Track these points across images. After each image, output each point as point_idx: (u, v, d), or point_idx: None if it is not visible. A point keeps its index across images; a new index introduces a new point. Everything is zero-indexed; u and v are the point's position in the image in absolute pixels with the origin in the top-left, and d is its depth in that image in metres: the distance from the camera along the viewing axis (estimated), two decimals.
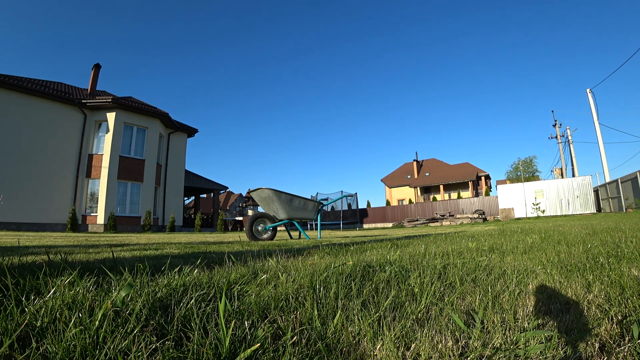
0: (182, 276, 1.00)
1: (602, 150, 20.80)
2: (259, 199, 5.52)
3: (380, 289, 0.84)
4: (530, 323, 0.64)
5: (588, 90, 21.79)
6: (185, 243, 4.05)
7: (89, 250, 2.61)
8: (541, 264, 1.20)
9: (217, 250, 2.63)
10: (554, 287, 0.87)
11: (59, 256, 1.74)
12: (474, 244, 2.01)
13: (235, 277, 1.05)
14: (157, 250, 2.62)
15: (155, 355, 0.50)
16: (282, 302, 0.73)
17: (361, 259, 1.51)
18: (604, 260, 1.17)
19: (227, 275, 1.21)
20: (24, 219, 13.83)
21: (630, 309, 0.68)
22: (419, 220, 21.06)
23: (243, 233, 12.10)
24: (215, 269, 1.23)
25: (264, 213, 5.49)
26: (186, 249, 2.73)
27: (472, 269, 1.11)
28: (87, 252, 2.41)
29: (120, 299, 0.65)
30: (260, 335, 0.55)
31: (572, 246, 1.66)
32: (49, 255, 1.70)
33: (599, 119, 21.19)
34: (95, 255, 2.09)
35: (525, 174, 31.92)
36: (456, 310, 0.70)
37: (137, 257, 1.96)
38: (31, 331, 0.54)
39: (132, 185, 16.53)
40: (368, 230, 13.22)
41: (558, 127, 28.31)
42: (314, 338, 0.57)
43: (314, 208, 5.78)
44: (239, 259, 1.68)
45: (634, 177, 16.06)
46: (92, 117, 16.08)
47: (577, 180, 19.06)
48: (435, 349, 0.54)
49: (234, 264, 1.41)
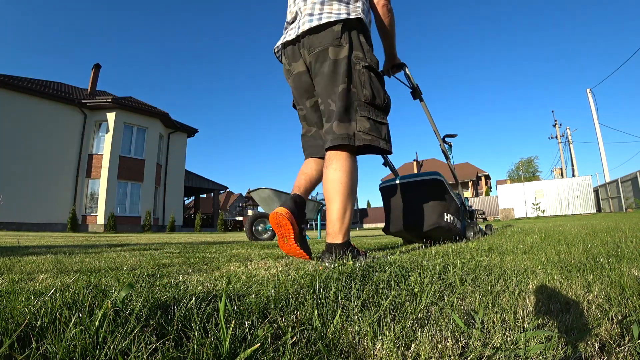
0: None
1: (602, 150, 20.81)
2: (259, 199, 5.52)
3: (380, 289, 0.84)
4: (530, 323, 0.64)
5: (588, 90, 21.81)
6: (185, 243, 4.06)
7: (89, 250, 2.62)
8: (541, 263, 1.20)
9: (217, 249, 2.64)
10: (554, 287, 0.87)
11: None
12: (474, 243, 2.01)
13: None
14: (157, 250, 2.62)
15: (155, 355, 0.50)
16: (282, 302, 0.73)
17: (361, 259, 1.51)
18: (604, 260, 1.17)
19: (227, 275, 1.21)
20: (24, 219, 13.84)
21: (630, 309, 0.68)
22: None
23: (243, 233, 12.12)
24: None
25: (264, 213, 5.49)
26: (186, 249, 2.74)
27: (472, 269, 1.11)
28: (87, 252, 2.41)
29: (120, 299, 0.65)
30: (260, 335, 0.55)
31: (572, 246, 1.66)
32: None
33: (599, 119, 21.21)
34: (96, 255, 2.09)
35: (526, 174, 31.94)
36: (456, 310, 0.70)
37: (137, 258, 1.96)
38: (31, 331, 0.54)
39: (132, 185, 16.53)
40: (368, 230, 13.22)
41: (558, 127, 28.32)
42: (314, 338, 0.57)
43: (314, 208, 5.78)
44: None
45: (634, 177, 16.06)
46: (92, 117, 16.09)
47: (577, 180, 19.07)
48: (435, 349, 0.54)
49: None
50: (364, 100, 1.47)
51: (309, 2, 1.60)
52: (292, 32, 1.63)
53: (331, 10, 1.53)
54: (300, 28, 1.56)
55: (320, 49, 1.51)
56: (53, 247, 3.08)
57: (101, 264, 1.59)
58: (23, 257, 1.95)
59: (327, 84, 1.49)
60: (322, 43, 1.50)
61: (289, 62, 1.68)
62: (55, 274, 1.26)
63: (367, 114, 1.46)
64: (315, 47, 1.52)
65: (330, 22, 1.50)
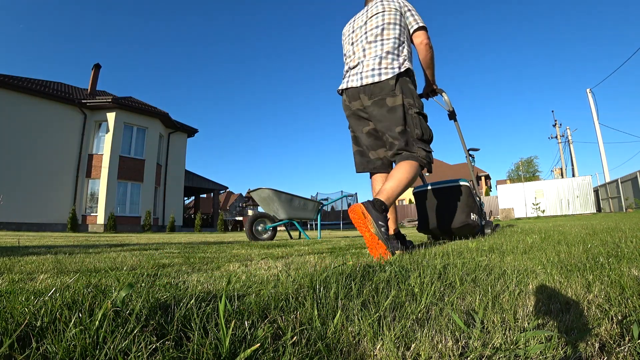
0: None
1: (602, 150, 20.81)
2: (259, 199, 5.52)
3: (380, 289, 0.84)
4: (530, 323, 0.64)
5: (588, 90, 21.80)
6: (185, 243, 4.06)
7: (89, 250, 2.61)
8: (541, 263, 1.20)
9: (217, 249, 2.64)
10: (554, 287, 0.87)
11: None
12: (474, 243, 2.01)
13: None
14: (157, 250, 2.62)
15: (155, 355, 0.50)
16: (282, 302, 0.73)
17: (361, 259, 1.51)
18: (604, 260, 1.17)
19: (227, 275, 1.21)
20: (24, 219, 13.83)
21: (630, 309, 0.68)
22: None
23: (243, 233, 12.11)
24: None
25: (264, 213, 5.48)
26: (186, 249, 2.74)
27: (472, 269, 1.11)
28: (87, 252, 2.41)
29: (120, 299, 0.65)
30: (260, 335, 0.55)
31: (572, 246, 1.66)
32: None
33: (599, 119, 21.20)
34: (96, 255, 2.09)
35: (526, 173, 31.94)
36: (456, 310, 0.70)
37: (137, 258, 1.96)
38: (31, 331, 0.54)
39: (132, 185, 16.53)
40: None
41: (558, 127, 28.31)
42: (314, 338, 0.57)
43: (314, 208, 5.78)
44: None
45: (634, 177, 16.06)
46: (92, 117, 16.08)
47: (577, 180, 19.06)
48: (435, 349, 0.54)
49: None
50: (416, 137, 1.94)
51: (368, 56, 2.05)
52: (355, 79, 2.08)
53: (387, 65, 1.98)
54: (364, 80, 2.02)
55: (379, 97, 1.98)
56: (53, 247, 3.08)
57: (101, 264, 1.59)
58: (23, 257, 1.95)
59: (388, 124, 1.97)
60: (381, 93, 1.98)
61: (349, 100, 2.14)
62: (55, 274, 1.26)
63: (421, 146, 1.95)
64: (375, 96, 1.99)
65: (389, 77, 1.96)
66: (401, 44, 2.04)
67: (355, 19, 2.26)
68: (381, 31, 2.05)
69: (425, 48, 2.12)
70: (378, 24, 2.07)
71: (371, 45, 2.06)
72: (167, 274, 1.27)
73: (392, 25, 2.05)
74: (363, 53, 2.07)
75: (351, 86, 2.09)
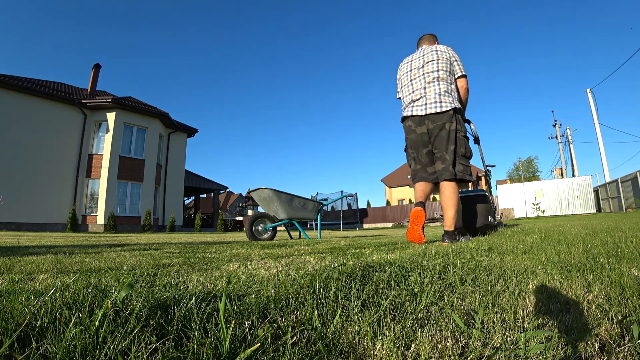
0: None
1: (602, 150, 20.80)
2: (259, 199, 5.52)
3: (380, 289, 0.84)
4: (530, 323, 0.64)
5: (588, 90, 21.79)
6: (185, 243, 4.06)
7: (89, 250, 2.61)
8: (541, 263, 1.20)
9: (217, 249, 2.64)
10: (554, 287, 0.87)
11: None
12: (474, 243, 2.01)
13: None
14: (157, 250, 2.62)
15: (155, 355, 0.50)
16: (282, 302, 0.73)
17: (361, 259, 1.51)
18: (604, 260, 1.17)
19: (227, 275, 1.21)
20: (24, 219, 13.83)
21: (630, 309, 0.68)
22: None
23: (243, 233, 12.11)
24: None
25: (264, 213, 5.48)
26: (186, 249, 2.74)
27: (472, 269, 1.11)
28: (87, 252, 2.41)
29: (120, 299, 0.65)
30: (260, 335, 0.55)
31: (572, 246, 1.66)
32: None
33: (599, 119, 21.19)
34: (96, 255, 2.09)
35: (526, 173, 31.93)
36: (456, 310, 0.70)
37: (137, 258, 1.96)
38: (31, 331, 0.54)
39: (132, 185, 16.52)
40: (368, 230, 13.22)
41: (558, 127, 28.30)
42: (314, 338, 0.57)
43: (314, 208, 5.78)
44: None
45: (634, 177, 16.05)
46: (92, 117, 16.07)
47: (577, 180, 19.05)
48: (435, 349, 0.54)
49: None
50: (461, 154, 2.65)
51: (429, 93, 2.70)
52: (420, 109, 2.72)
53: (446, 101, 2.66)
54: (429, 110, 2.68)
55: (441, 123, 2.64)
56: (53, 247, 3.08)
57: (101, 264, 1.59)
58: (23, 257, 1.95)
59: (444, 144, 2.63)
60: (443, 120, 2.63)
61: (415, 125, 2.76)
62: (55, 274, 1.26)
63: (462, 162, 2.65)
64: (437, 122, 2.64)
65: (448, 109, 2.64)
66: (451, 85, 2.75)
67: (412, 59, 2.90)
68: (437, 75, 2.73)
69: (465, 91, 2.86)
70: (434, 69, 2.74)
71: (430, 85, 2.72)
72: (167, 274, 1.27)
73: (445, 73, 2.74)
74: (424, 90, 2.72)
75: (416, 114, 2.73)
